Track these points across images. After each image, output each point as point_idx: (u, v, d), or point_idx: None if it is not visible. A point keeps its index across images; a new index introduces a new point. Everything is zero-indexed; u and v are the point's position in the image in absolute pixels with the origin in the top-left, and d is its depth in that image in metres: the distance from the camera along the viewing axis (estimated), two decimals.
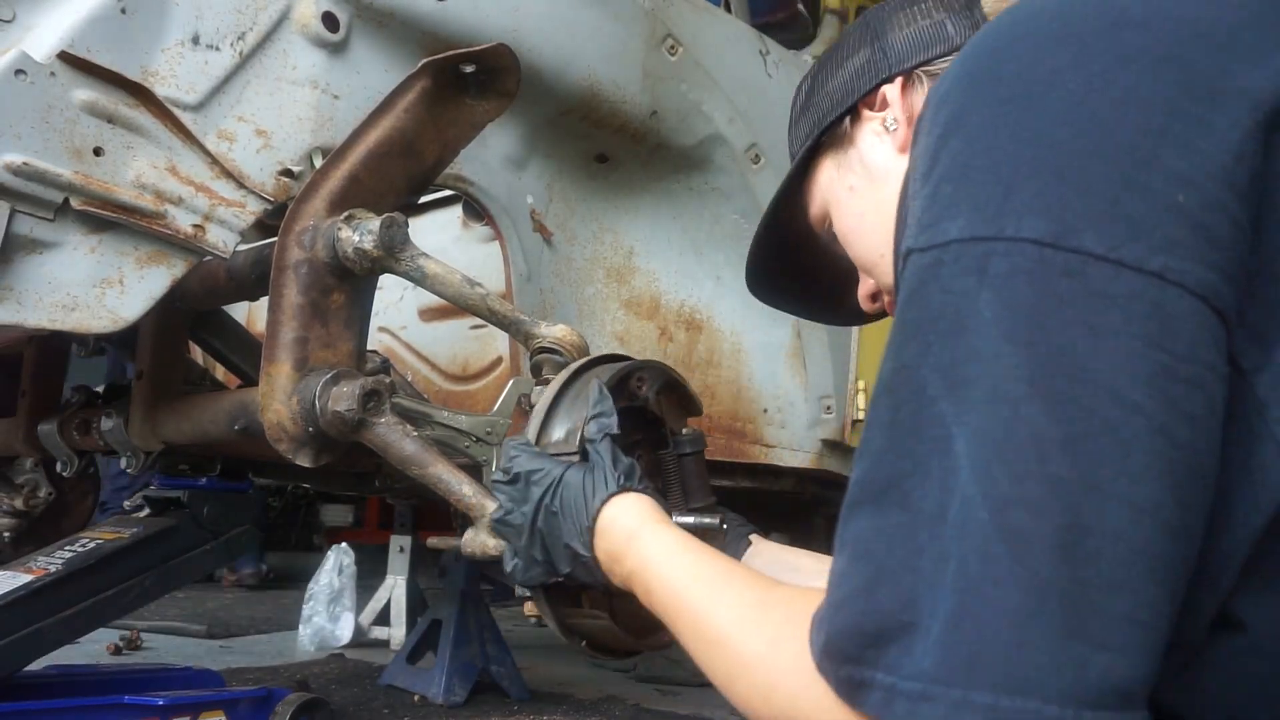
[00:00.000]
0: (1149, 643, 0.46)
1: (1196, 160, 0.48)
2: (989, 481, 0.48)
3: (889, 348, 0.55)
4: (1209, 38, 0.51)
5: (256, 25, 1.34)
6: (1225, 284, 0.48)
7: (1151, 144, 0.49)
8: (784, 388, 2.34)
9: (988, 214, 0.51)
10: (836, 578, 0.55)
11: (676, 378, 1.22)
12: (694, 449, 1.22)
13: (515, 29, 1.60)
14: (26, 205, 1.15)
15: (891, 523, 0.52)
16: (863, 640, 0.51)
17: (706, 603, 0.72)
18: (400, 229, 1.23)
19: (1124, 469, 0.46)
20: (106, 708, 1.63)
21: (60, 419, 1.89)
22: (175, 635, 3.25)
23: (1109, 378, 0.47)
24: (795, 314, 1.27)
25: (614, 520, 0.90)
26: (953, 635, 0.47)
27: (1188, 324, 0.47)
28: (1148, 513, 0.46)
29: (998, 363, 0.49)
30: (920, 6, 0.94)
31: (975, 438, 0.49)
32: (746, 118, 2.10)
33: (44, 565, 1.65)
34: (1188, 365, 0.47)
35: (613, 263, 2.09)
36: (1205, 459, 0.48)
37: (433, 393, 2.29)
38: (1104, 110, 0.50)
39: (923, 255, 0.53)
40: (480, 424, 1.23)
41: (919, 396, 0.51)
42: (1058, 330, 0.48)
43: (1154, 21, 0.52)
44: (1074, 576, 0.45)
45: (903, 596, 0.50)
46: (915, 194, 0.56)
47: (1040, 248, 0.49)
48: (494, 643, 2.53)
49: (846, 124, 0.96)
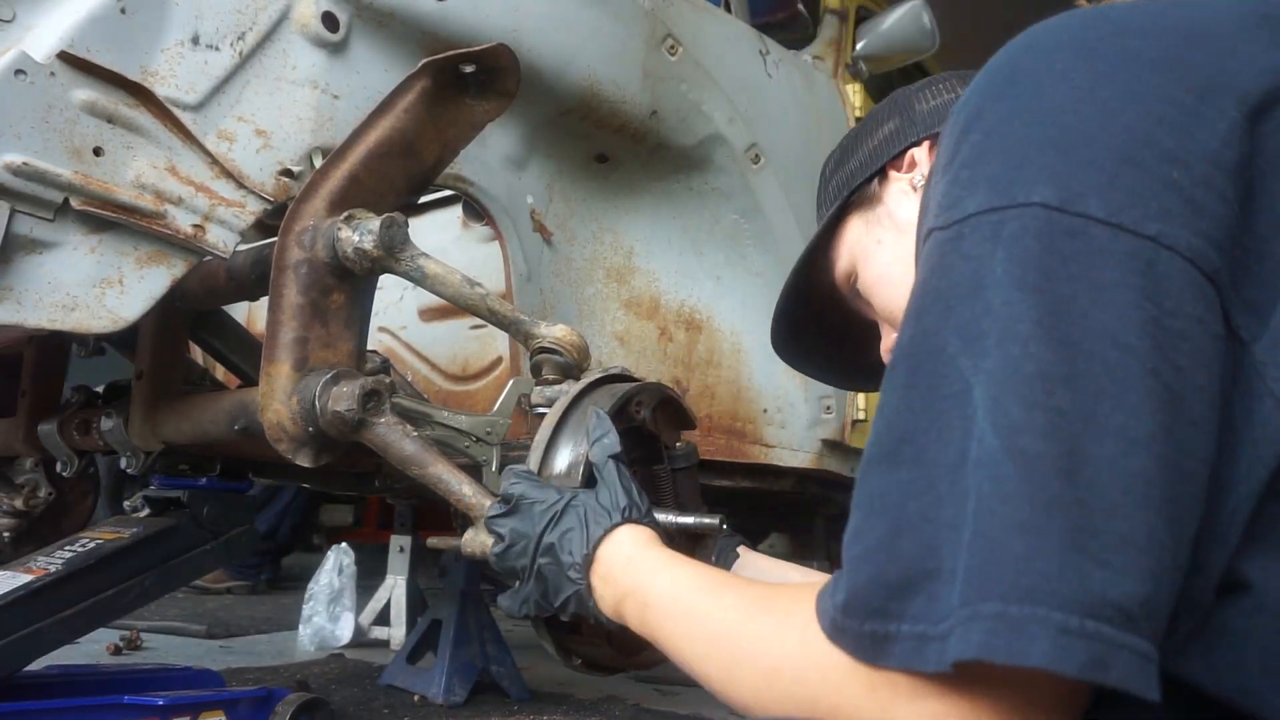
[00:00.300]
0: (1145, 565, 0.48)
1: (1189, 143, 0.54)
2: (1000, 412, 0.51)
3: (908, 317, 0.58)
4: (1203, 42, 0.58)
5: (256, 25, 1.34)
6: (1213, 250, 0.53)
7: (1149, 127, 0.55)
8: (784, 388, 2.34)
9: (1001, 186, 0.56)
10: (852, 534, 0.56)
11: (671, 394, 1.23)
12: (687, 464, 1.23)
13: (515, 29, 1.60)
14: (26, 205, 1.15)
15: (906, 478, 0.54)
16: (886, 591, 0.52)
17: (707, 604, 0.72)
18: (400, 229, 1.23)
19: (1119, 404, 0.50)
20: (106, 708, 1.63)
21: (60, 419, 1.89)
22: (175, 635, 3.25)
23: (1107, 324, 0.51)
24: (818, 377, 1.33)
25: (614, 549, 0.89)
26: (970, 559, 0.49)
27: (1177, 282, 0.52)
28: (1140, 444, 0.50)
29: (1009, 309, 0.53)
30: (945, 83, 1.03)
31: (990, 378, 0.52)
32: (746, 118, 2.10)
33: (44, 565, 1.65)
34: (1174, 319, 0.52)
35: (613, 263, 2.09)
36: (1194, 405, 0.52)
37: (433, 393, 2.29)
38: (1108, 100, 0.56)
39: (944, 231, 0.58)
40: (480, 424, 1.23)
41: (938, 357, 0.55)
42: (1063, 282, 0.53)
43: (1154, 30, 0.59)
44: (1076, 497, 0.48)
45: (924, 544, 0.51)
46: (936, 184, 0.61)
47: (1048, 211, 0.54)
48: (494, 643, 2.53)
49: (875, 185, 1.02)
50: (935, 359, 0.55)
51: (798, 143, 2.31)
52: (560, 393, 1.21)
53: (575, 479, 1.04)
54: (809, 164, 2.33)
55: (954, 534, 0.50)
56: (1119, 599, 0.47)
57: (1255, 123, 0.55)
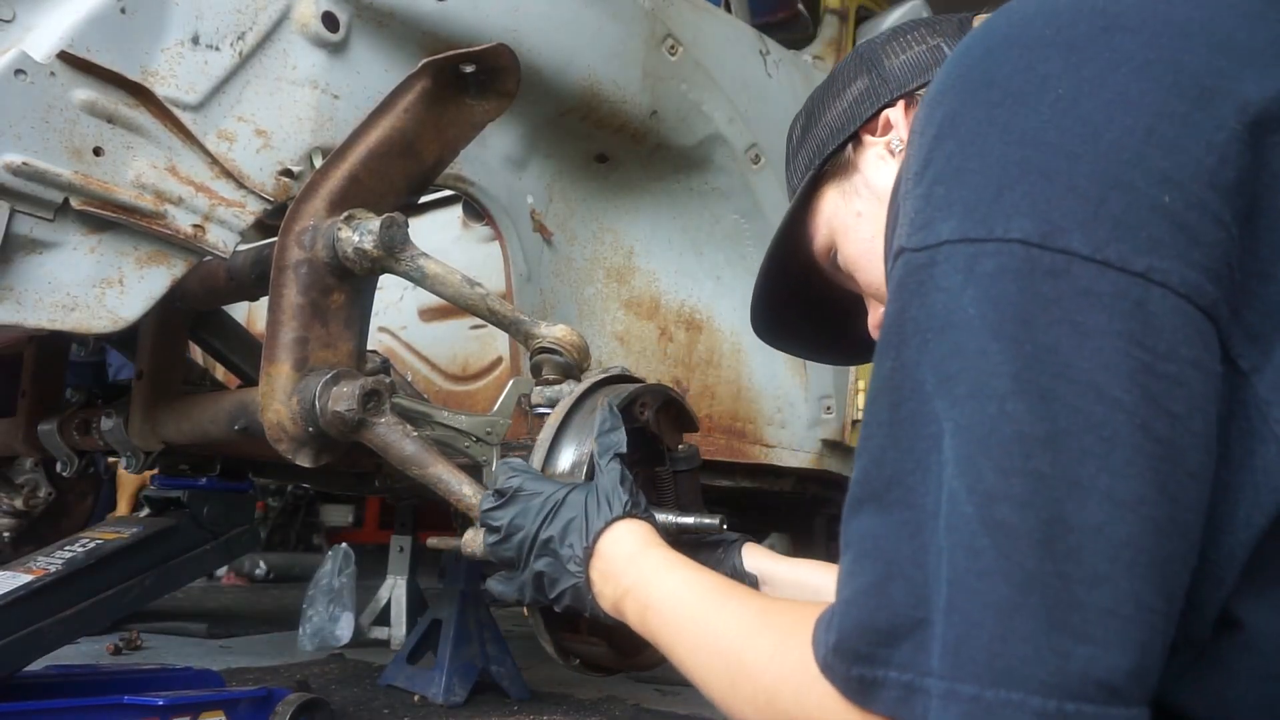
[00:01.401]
0: (1132, 636, 0.46)
1: (1182, 161, 0.49)
2: (974, 476, 0.48)
3: (885, 346, 0.55)
4: (1201, 40, 0.52)
5: (256, 25, 1.34)
6: (1210, 283, 0.49)
7: (1138, 145, 0.50)
8: (784, 388, 2.34)
9: (978, 215, 0.52)
10: (844, 576, 0.55)
11: (674, 396, 1.22)
12: (689, 466, 1.23)
13: (515, 29, 1.60)
14: (26, 205, 1.15)
15: (897, 520, 0.52)
16: (875, 638, 0.51)
17: (709, 614, 0.71)
18: (400, 229, 1.23)
19: (1105, 465, 0.47)
20: (106, 708, 1.63)
21: (60, 419, 1.89)
22: (175, 635, 3.26)
23: (1091, 375, 0.48)
24: (803, 356, 1.26)
25: (615, 543, 0.88)
26: (945, 629, 0.48)
27: (1170, 322, 0.48)
28: (1129, 507, 0.47)
29: (984, 359, 0.49)
30: (914, 34, 0.94)
31: (960, 433, 0.49)
32: (746, 118, 2.10)
33: (44, 565, 1.66)
34: (1168, 363, 0.48)
35: (613, 263, 2.09)
36: (1191, 455, 0.48)
37: (433, 393, 2.29)
38: (1093, 113, 0.51)
39: (917, 255, 0.54)
40: (480, 424, 1.23)
41: (918, 393, 0.52)
42: (1043, 329, 0.49)
43: (1146, 25, 0.53)
44: (1057, 570, 0.46)
45: (914, 592, 0.50)
46: (908, 194, 0.57)
47: (1028, 248, 0.50)
48: (494, 643, 2.53)
49: (849, 151, 0.95)
50: (916, 396, 0.52)
51: None
52: (561, 393, 1.21)
53: (579, 478, 1.04)
54: None
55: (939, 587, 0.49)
56: (1103, 675, 0.45)
57: (1259, 134, 0.50)
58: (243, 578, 5.31)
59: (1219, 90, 0.50)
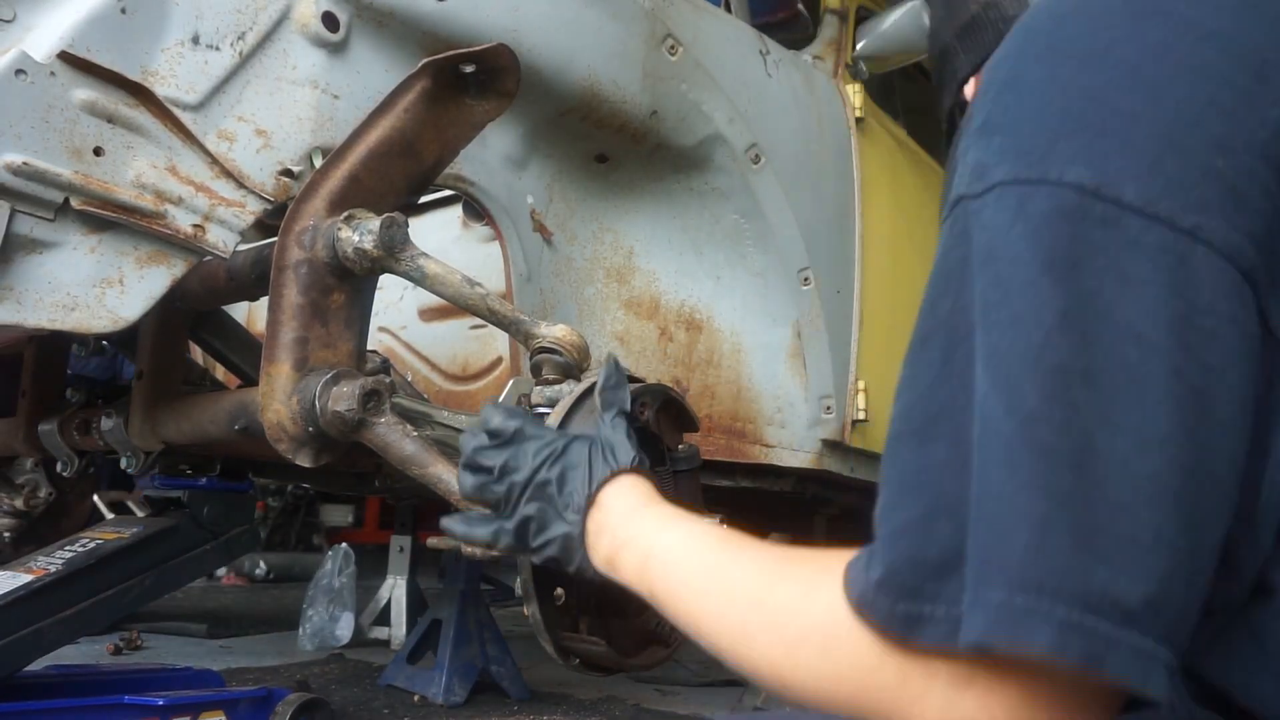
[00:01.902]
0: (1149, 564, 0.48)
1: (1237, 130, 0.51)
2: (1016, 397, 0.50)
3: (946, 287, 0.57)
4: (1264, 15, 0.54)
5: (256, 25, 1.34)
6: (1252, 247, 0.51)
7: (1197, 109, 0.52)
8: (784, 388, 2.34)
9: (1033, 159, 0.54)
10: (886, 510, 0.55)
11: (675, 396, 1.22)
12: (689, 466, 1.22)
13: (515, 29, 1.60)
14: (26, 205, 1.15)
15: (943, 455, 0.53)
16: (924, 572, 0.52)
17: (721, 563, 0.69)
18: (400, 229, 1.23)
19: (1137, 403, 0.49)
20: (106, 708, 1.63)
21: (60, 419, 1.89)
22: (175, 635, 3.26)
23: (1132, 320, 0.50)
24: None
25: (617, 495, 0.83)
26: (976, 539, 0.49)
27: (1210, 279, 0.50)
28: (1155, 444, 0.48)
29: (1033, 291, 0.51)
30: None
31: (998, 356, 0.51)
32: (746, 118, 2.10)
33: (44, 565, 1.66)
34: (1206, 316, 0.50)
35: (613, 263, 2.09)
36: (1223, 406, 0.50)
37: (433, 393, 2.29)
38: (1156, 77, 0.53)
39: (973, 201, 0.56)
40: None
41: (963, 327, 0.54)
42: (1090, 274, 0.51)
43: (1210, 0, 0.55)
44: (1085, 495, 0.48)
45: (963, 527, 0.51)
46: (969, 146, 0.59)
47: (1082, 194, 0.52)
48: (494, 643, 2.53)
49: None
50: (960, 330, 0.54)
51: (798, 143, 2.31)
52: (561, 393, 1.21)
53: None
54: (809, 164, 2.33)
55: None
56: (1118, 596, 0.47)
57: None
58: (243, 578, 5.31)
59: (1278, 66, 0.52)
